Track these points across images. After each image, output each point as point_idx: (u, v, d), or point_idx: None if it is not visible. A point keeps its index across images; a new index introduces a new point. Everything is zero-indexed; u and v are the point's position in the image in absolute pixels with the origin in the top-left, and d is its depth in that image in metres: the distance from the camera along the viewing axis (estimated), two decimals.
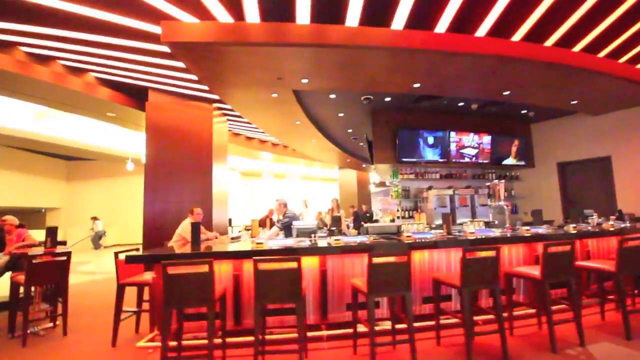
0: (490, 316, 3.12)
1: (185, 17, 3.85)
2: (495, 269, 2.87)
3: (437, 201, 6.48)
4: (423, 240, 3.51)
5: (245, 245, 3.81)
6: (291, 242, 3.56)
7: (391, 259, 2.74)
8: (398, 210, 6.87)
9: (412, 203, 7.09)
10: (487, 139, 7.29)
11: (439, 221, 6.13)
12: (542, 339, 3.16)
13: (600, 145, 6.89)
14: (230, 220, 8.49)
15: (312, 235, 3.80)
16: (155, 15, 3.89)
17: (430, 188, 6.89)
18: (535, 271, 3.09)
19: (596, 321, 3.60)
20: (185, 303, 2.60)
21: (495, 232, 3.98)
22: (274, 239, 3.90)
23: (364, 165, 13.47)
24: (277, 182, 19.59)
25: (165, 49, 4.47)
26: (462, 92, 5.63)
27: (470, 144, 7.12)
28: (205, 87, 6.15)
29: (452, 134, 6.98)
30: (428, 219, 6.34)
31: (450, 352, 2.98)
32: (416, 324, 3.06)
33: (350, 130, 7.92)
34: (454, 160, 6.95)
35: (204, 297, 2.54)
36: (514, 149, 7.59)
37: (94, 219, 13.39)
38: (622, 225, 4.51)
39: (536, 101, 6.04)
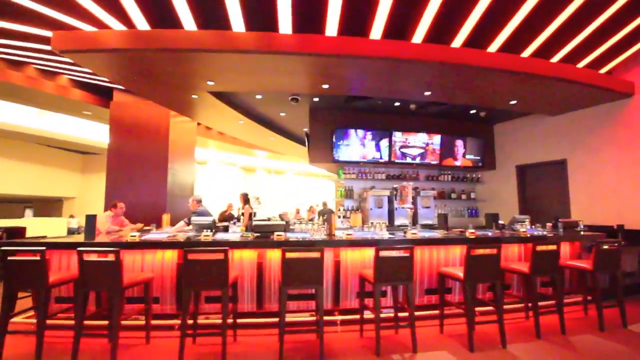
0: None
1: (84, 26, 4.20)
2: (318, 270, 2.96)
3: (374, 202, 6.43)
4: (295, 239, 3.59)
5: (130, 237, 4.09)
6: (163, 236, 3.82)
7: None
8: (339, 210, 6.89)
9: (356, 203, 7.08)
10: (437, 139, 7.06)
11: (374, 221, 6.12)
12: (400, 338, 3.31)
13: (557, 148, 6.45)
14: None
15: (208, 230, 4.05)
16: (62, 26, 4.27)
17: (372, 188, 6.83)
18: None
19: (461, 330, 3.55)
20: (21, 287, 2.97)
21: (376, 236, 3.97)
22: (156, 233, 4.16)
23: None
24: (277, 178, 20.09)
25: None
26: (375, 93, 5.47)
27: (416, 144, 6.93)
28: None
29: (398, 134, 6.84)
30: (364, 219, 6.33)
31: None
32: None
33: (306, 129, 7.99)
34: (396, 160, 6.81)
35: (36, 281, 2.88)
36: (467, 149, 7.29)
37: (71, 216, 14.49)
38: (537, 233, 4.36)
39: (466, 101, 5.77)
